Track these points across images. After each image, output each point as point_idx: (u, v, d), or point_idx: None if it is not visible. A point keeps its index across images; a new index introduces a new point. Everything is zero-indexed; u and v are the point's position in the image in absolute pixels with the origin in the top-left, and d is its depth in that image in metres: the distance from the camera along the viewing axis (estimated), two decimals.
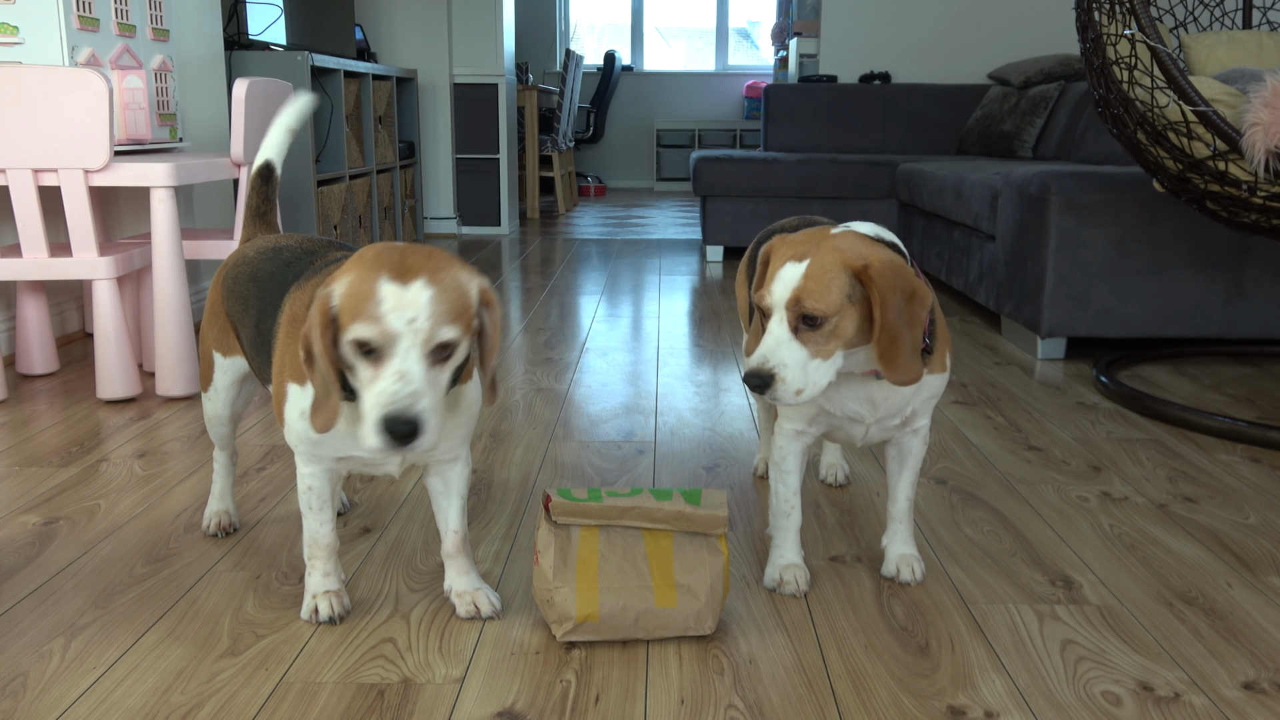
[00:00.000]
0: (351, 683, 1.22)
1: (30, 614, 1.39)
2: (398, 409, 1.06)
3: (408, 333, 1.07)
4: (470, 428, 1.30)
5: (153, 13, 2.93)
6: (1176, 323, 2.77)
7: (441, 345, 1.09)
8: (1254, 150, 1.97)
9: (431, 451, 1.29)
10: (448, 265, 1.12)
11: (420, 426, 1.08)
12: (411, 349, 1.08)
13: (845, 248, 1.24)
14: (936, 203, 3.75)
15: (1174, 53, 2.03)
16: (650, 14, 9.77)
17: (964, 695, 1.20)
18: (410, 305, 1.07)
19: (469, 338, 1.13)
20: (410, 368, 1.08)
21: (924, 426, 1.44)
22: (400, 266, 1.09)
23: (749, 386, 1.26)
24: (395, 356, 1.08)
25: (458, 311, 1.10)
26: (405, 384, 1.07)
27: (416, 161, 5.40)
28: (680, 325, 3.34)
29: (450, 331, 1.09)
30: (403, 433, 1.07)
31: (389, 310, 1.07)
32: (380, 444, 1.08)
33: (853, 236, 1.27)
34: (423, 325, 1.08)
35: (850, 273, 1.23)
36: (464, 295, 1.12)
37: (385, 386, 1.07)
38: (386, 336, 1.07)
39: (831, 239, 1.26)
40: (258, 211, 1.57)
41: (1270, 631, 1.35)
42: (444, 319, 1.09)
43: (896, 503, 1.49)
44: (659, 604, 1.28)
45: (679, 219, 6.88)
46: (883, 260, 1.23)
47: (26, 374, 2.63)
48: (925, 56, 5.46)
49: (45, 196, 2.79)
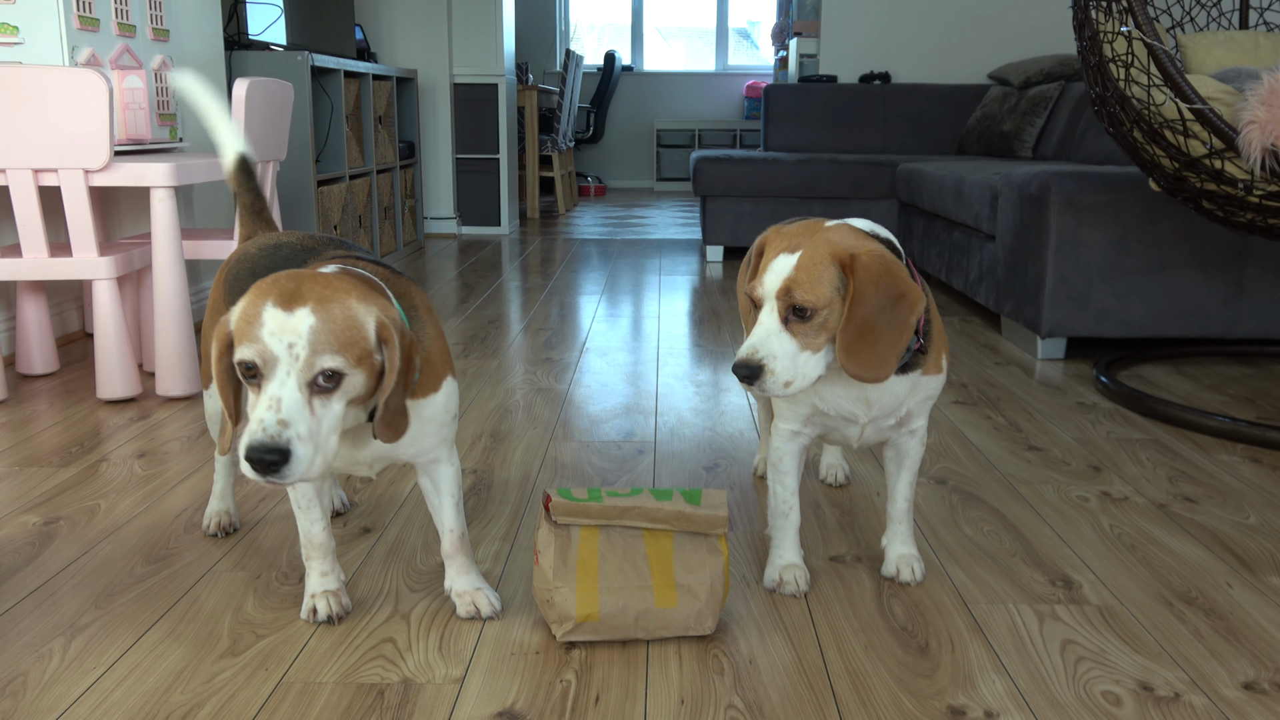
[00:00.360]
0: (351, 683, 1.22)
1: (30, 614, 1.39)
2: (261, 438, 1.04)
3: (286, 358, 1.06)
4: (441, 434, 1.29)
5: (153, 13, 2.93)
6: (1176, 323, 2.77)
7: (325, 375, 1.07)
8: (1250, 148, 1.97)
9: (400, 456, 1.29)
10: (344, 296, 1.09)
11: (287, 455, 1.05)
12: (289, 375, 1.06)
13: (837, 240, 1.24)
14: (936, 203, 3.75)
15: (1171, 51, 2.02)
16: (650, 14, 9.77)
17: (964, 695, 1.20)
18: (291, 331, 1.06)
19: (362, 372, 1.10)
20: (284, 394, 1.06)
21: (921, 427, 1.44)
22: (291, 293, 1.08)
23: (738, 377, 1.25)
24: (272, 381, 1.06)
25: (344, 342, 1.08)
26: (275, 411, 1.05)
27: (416, 161, 5.40)
28: (680, 325, 3.34)
29: (332, 360, 1.07)
30: (266, 461, 1.05)
31: (269, 334, 1.06)
32: (249, 471, 1.06)
33: (847, 230, 1.27)
34: (301, 351, 1.06)
35: (839, 265, 1.22)
36: (354, 326, 1.09)
37: (257, 414, 1.06)
38: (265, 359, 1.06)
39: (825, 232, 1.25)
40: (252, 208, 1.55)
41: (1270, 631, 1.35)
42: (326, 347, 1.06)
43: (895, 503, 1.49)
44: (659, 604, 1.28)
45: (679, 219, 6.88)
46: (871, 254, 1.22)
47: (26, 374, 2.63)
48: (925, 56, 5.46)
49: (45, 196, 2.79)
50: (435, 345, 1.26)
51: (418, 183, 5.44)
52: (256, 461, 1.05)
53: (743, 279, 1.68)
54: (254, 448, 1.04)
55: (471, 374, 2.69)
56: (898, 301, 1.22)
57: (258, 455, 1.04)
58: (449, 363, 1.29)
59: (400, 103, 5.33)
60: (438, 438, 1.29)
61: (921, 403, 1.40)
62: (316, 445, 1.08)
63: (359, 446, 1.25)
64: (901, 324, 1.22)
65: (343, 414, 1.11)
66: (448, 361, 1.28)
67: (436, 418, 1.27)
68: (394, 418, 1.14)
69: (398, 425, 1.15)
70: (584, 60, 8.50)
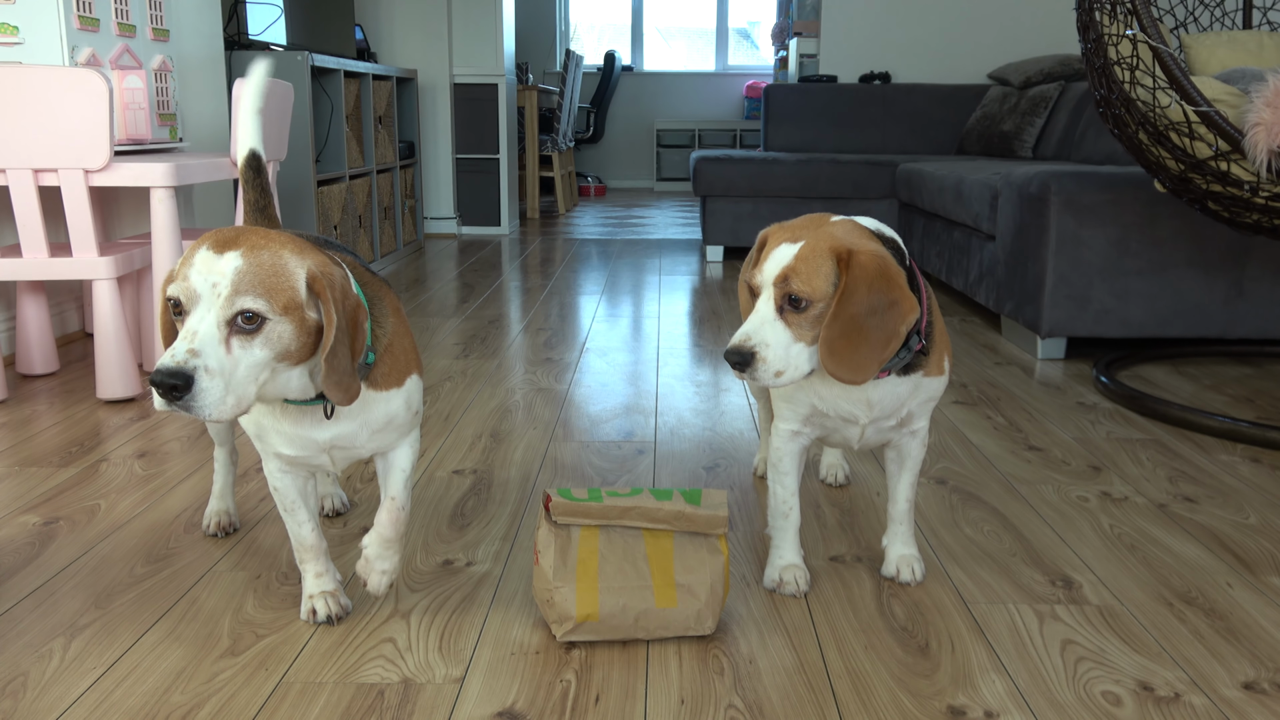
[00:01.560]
0: (351, 683, 1.22)
1: (30, 614, 1.39)
2: (167, 363, 1.05)
3: (208, 295, 1.07)
4: (403, 430, 1.30)
5: (153, 13, 2.93)
6: (1176, 323, 2.77)
7: (245, 315, 1.08)
8: (1256, 150, 1.97)
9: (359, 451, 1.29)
10: (278, 246, 1.11)
11: (190, 383, 1.05)
12: (209, 311, 1.07)
13: (839, 235, 1.23)
14: (936, 203, 3.75)
15: (1175, 53, 2.02)
16: (650, 14, 9.77)
17: (964, 695, 1.20)
18: (216, 271, 1.07)
19: (290, 321, 1.10)
20: (200, 328, 1.07)
21: (922, 429, 1.44)
22: (226, 240, 1.10)
23: (730, 364, 1.24)
24: (192, 316, 1.08)
25: (268, 287, 1.09)
26: (188, 341, 1.06)
27: (416, 161, 5.40)
28: (680, 325, 3.34)
29: (253, 302, 1.08)
30: (167, 385, 1.04)
31: (195, 273, 1.08)
32: (156, 400, 1.06)
33: (852, 226, 1.26)
34: (223, 290, 1.07)
35: (836, 259, 1.22)
36: (281, 274, 1.10)
37: (174, 344, 1.08)
38: (189, 296, 1.08)
39: (829, 226, 1.25)
40: (256, 205, 1.53)
41: (1270, 631, 1.35)
42: (248, 289, 1.08)
43: (896, 504, 1.49)
44: (659, 604, 1.28)
45: (679, 219, 6.88)
46: (870, 254, 1.21)
47: (26, 374, 2.63)
48: (925, 56, 5.46)
49: (45, 196, 2.79)
50: (400, 341, 1.27)
51: (418, 183, 5.44)
52: (159, 385, 1.04)
53: (745, 273, 1.68)
54: (159, 371, 1.05)
55: (471, 374, 2.69)
56: (889, 308, 1.21)
57: (160, 379, 1.04)
58: (415, 361, 1.30)
59: (400, 103, 5.33)
60: (399, 433, 1.30)
61: (923, 404, 1.40)
62: (228, 385, 1.07)
63: (314, 427, 1.24)
64: (889, 332, 1.20)
65: (265, 363, 1.10)
66: (413, 359, 1.29)
67: (398, 414, 1.28)
68: (340, 377, 1.13)
69: (345, 385, 1.14)
70: (584, 60, 8.50)
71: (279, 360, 1.12)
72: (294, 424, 1.24)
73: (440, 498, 1.81)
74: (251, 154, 1.54)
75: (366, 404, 1.25)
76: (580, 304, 3.72)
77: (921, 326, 1.31)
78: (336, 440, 1.26)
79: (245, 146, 1.54)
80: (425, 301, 3.76)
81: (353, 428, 1.25)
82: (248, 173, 1.54)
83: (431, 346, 3.01)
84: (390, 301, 1.28)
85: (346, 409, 1.24)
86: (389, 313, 1.27)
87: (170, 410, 1.06)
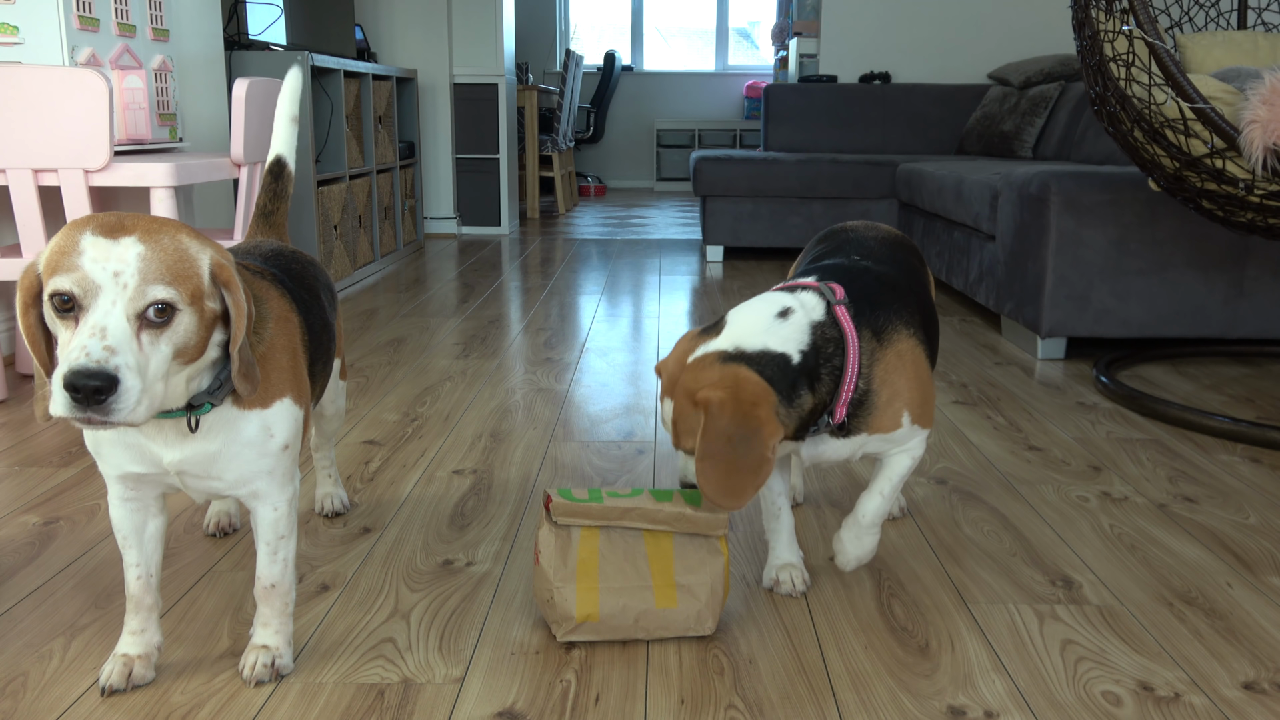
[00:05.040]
0: (351, 683, 1.22)
1: (30, 614, 1.39)
2: (84, 363, 0.92)
3: (111, 286, 0.95)
4: (263, 464, 1.14)
5: (153, 13, 2.93)
6: (1176, 323, 2.77)
7: (155, 307, 0.97)
8: (1252, 148, 1.97)
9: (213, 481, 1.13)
10: (174, 230, 1.00)
11: (114, 384, 0.92)
12: (115, 304, 0.95)
13: (697, 380, 1.26)
14: (936, 203, 3.75)
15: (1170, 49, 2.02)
16: (650, 14, 9.77)
17: (964, 695, 1.20)
18: (116, 258, 0.95)
19: (194, 313, 1.00)
20: (110, 323, 0.94)
21: (912, 446, 1.38)
22: (113, 224, 0.98)
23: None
24: (95, 311, 0.95)
25: (176, 275, 0.98)
26: (99, 338, 0.94)
27: (416, 161, 5.40)
28: (680, 325, 3.34)
29: (164, 291, 0.97)
30: (90, 388, 0.91)
31: (90, 261, 0.95)
32: (64, 404, 0.93)
33: (712, 360, 1.26)
34: (130, 280, 0.95)
35: (697, 407, 1.25)
36: (186, 260, 1.00)
37: (77, 342, 0.94)
38: (86, 287, 0.95)
39: (690, 369, 1.27)
40: (264, 211, 1.52)
41: (1270, 631, 1.35)
42: (157, 277, 0.96)
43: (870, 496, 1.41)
44: (659, 604, 1.28)
45: (679, 219, 6.88)
46: (721, 398, 1.22)
47: (26, 374, 2.63)
48: (925, 56, 5.46)
49: (45, 196, 2.79)
50: (277, 359, 1.14)
51: (418, 183, 5.44)
52: (79, 389, 0.92)
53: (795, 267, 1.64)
54: (76, 372, 0.92)
55: (471, 374, 2.69)
56: (750, 437, 1.22)
57: (81, 381, 0.91)
58: (291, 384, 1.15)
59: (400, 103, 5.33)
60: (257, 467, 1.13)
61: (892, 449, 1.37)
62: (144, 386, 0.96)
63: (169, 443, 1.09)
64: (758, 458, 1.22)
65: (169, 360, 0.99)
66: (286, 380, 1.14)
67: (255, 441, 1.12)
68: (248, 368, 1.04)
69: (252, 374, 1.05)
70: (584, 60, 8.50)
71: (177, 357, 1.00)
72: (147, 437, 1.09)
73: (440, 498, 1.81)
74: (277, 159, 1.54)
75: (228, 423, 1.10)
76: (580, 304, 3.72)
77: (846, 391, 1.28)
78: (187, 464, 1.10)
79: (274, 151, 1.55)
80: (425, 301, 3.76)
81: (212, 448, 1.10)
82: (268, 177, 1.54)
83: (431, 346, 3.01)
84: (276, 306, 1.16)
85: (207, 426, 1.09)
86: (270, 318, 1.14)
87: (70, 418, 0.93)
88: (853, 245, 1.49)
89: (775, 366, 1.25)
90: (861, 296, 1.33)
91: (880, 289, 1.36)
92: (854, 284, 1.35)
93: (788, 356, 1.26)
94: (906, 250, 1.52)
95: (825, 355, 1.27)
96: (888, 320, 1.32)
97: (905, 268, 1.46)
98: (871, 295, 1.34)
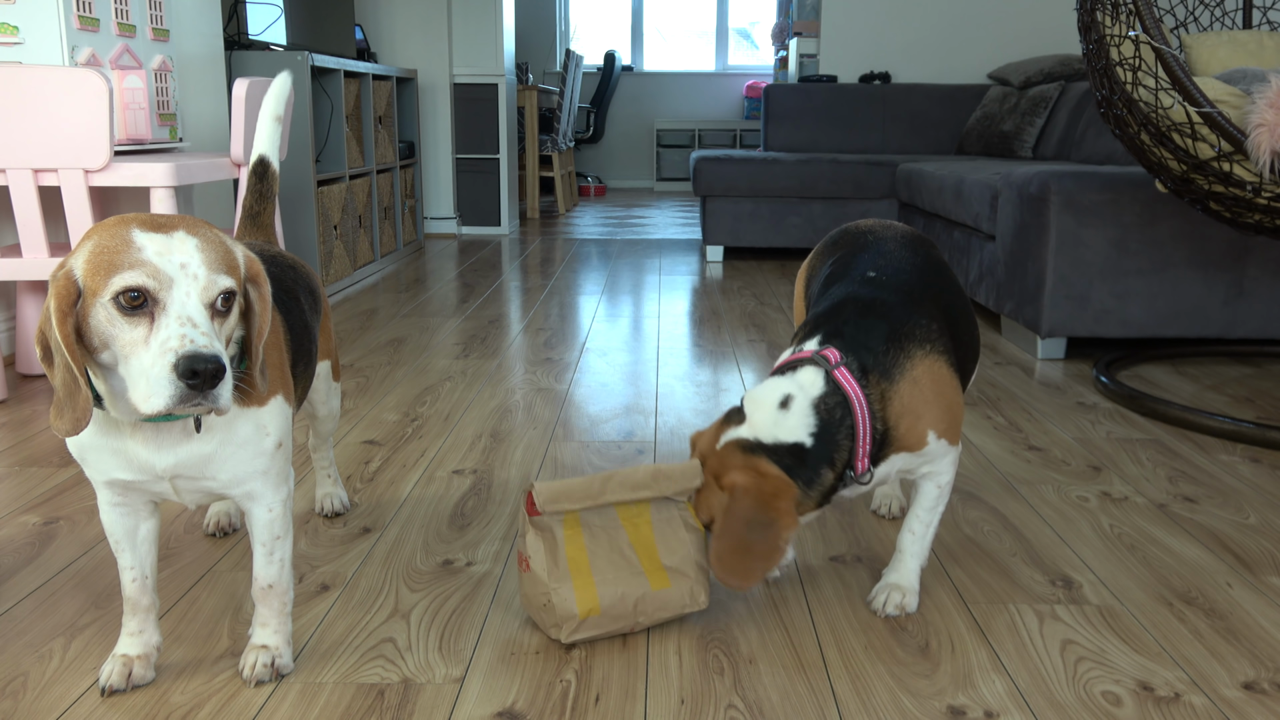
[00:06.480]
0: (351, 683, 1.22)
1: (30, 614, 1.39)
2: (193, 348, 0.91)
3: (182, 278, 0.94)
4: (257, 463, 1.13)
5: (153, 13, 2.93)
6: (1176, 323, 2.77)
7: (223, 295, 0.97)
8: (1259, 151, 1.97)
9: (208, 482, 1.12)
10: (206, 226, 1.01)
11: (224, 371, 0.93)
12: (190, 296, 0.94)
13: (724, 464, 1.29)
14: (936, 203, 3.75)
15: (1177, 54, 2.02)
16: (650, 14, 9.77)
17: (964, 695, 1.20)
18: (179, 251, 0.95)
19: (239, 305, 1.02)
20: (193, 313, 0.94)
21: (939, 473, 1.38)
22: (156, 221, 0.97)
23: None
24: (173, 303, 0.94)
25: (229, 266, 0.99)
26: (193, 327, 0.93)
27: (416, 161, 5.40)
28: (680, 325, 3.34)
29: (228, 280, 0.97)
30: (209, 371, 0.91)
31: (155, 254, 0.94)
32: (174, 394, 0.92)
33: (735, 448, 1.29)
34: (199, 270, 0.95)
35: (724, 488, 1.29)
36: (231, 254, 1.01)
37: (172, 332, 0.92)
38: (160, 280, 0.94)
39: (719, 454, 1.30)
40: (251, 212, 1.51)
41: (1270, 631, 1.35)
42: (219, 267, 0.97)
43: (902, 533, 1.44)
44: (654, 586, 1.31)
45: (679, 219, 6.88)
46: (746, 487, 1.26)
47: (26, 374, 2.63)
48: (925, 56, 5.46)
49: (45, 196, 2.79)
50: (270, 356, 1.14)
51: (418, 183, 5.44)
52: (198, 373, 0.91)
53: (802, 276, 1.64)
54: (194, 357, 0.91)
55: (471, 374, 2.69)
56: (767, 526, 1.25)
57: (201, 365, 0.91)
58: (282, 383, 1.16)
59: (400, 103, 5.33)
60: (252, 467, 1.12)
61: (937, 462, 1.37)
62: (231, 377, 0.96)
63: (163, 446, 1.07)
64: (771, 546, 1.25)
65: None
66: (280, 380, 1.15)
67: (250, 440, 1.11)
68: (263, 365, 1.07)
69: (265, 372, 1.07)
70: (584, 60, 8.50)
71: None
72: (143, 441, 1.06)
73: (440, 498, 1.81)
74: (260, 160, 1.54)
75: (224, 422, 1.09)
76: (580, 304, 3.72)
77: (862, 446, 1.29)
78: (181, 467, 1.08)
79: (256, 151, 1.54)
80: (425, 301, 3.76)
81: (207, 449, 1.08)
82: (252, 178, 1.54)
83: (431, 346, 3.01)
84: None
85: (206, 426, 1.08)
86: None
87: (177, 408, 0.93)
88: (868, 253, 1.47)
89: (792, 456, 1.28)
90: (864, 343, 1.31)
91: (888, 318, 1.33)
92: (860, 325, 1.33)
93: (801, 445, 1.28)
94: (925, 247, 1.50)
95: (836, 422, 1.28)
96: (899, 350, 1.31)
97: (924, 269, 1.43)
98: (877, 333, 1.32)
